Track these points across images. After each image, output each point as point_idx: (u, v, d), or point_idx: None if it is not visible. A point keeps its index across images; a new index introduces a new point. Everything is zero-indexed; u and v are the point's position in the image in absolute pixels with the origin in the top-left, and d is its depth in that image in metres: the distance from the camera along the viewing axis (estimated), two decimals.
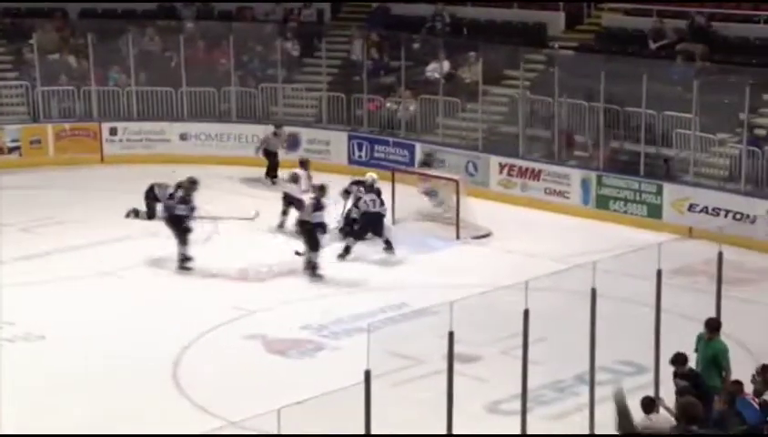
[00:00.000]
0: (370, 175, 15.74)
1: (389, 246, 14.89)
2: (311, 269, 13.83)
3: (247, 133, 20.16)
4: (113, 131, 20.37)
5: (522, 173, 17.78)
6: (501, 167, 18.13)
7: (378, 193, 15.47)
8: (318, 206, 14.01)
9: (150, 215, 15.80)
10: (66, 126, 20.46)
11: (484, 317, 10.90)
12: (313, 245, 13.85)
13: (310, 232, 13.83)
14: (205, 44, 21.56)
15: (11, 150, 19.99)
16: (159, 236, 15.19)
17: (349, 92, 20.46)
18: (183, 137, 20.59)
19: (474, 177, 18.08)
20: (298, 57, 21.77)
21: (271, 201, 16.26)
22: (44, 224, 15.94)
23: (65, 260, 14.32)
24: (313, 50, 21.74)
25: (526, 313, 8.07)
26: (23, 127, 20.24)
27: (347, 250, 14.71)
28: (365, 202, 15.14)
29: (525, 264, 13.88)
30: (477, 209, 15.47)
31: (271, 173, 18.67)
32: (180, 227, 14.01)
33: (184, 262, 14.01)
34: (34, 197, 17.72)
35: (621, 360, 10.61)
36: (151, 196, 15.75)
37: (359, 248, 14.88)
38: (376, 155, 19.61)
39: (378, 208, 15.09)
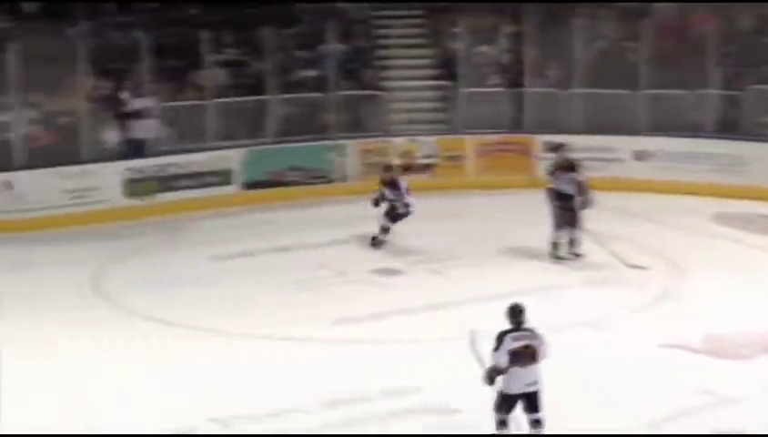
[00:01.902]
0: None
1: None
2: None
3: (725, 152, 19.94)
4: (549, 147, 21.09)
5: None
6: None
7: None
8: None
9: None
10: (491, 138, 21.55)
11: None
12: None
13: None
14: (676, 27, 21.53)
15: (424, 168, 21.44)
16: (608, 283, 15.52)
17: None
18: (639, 156, 20.86)
19: None
20: None
21: None
22: (457, 264, 16.87)
23: (480, 311, 15.02)
24: None
25: None
26: (439, 139, 21.64)
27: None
28: None
29: None
30: None
31: None
32: None
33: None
34: (450, 225, 18.86)
35: None
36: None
37: None
38: None
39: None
